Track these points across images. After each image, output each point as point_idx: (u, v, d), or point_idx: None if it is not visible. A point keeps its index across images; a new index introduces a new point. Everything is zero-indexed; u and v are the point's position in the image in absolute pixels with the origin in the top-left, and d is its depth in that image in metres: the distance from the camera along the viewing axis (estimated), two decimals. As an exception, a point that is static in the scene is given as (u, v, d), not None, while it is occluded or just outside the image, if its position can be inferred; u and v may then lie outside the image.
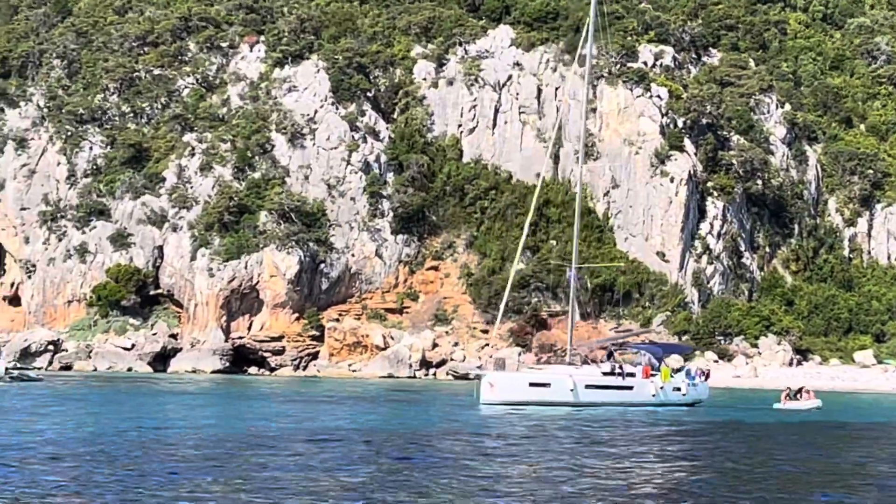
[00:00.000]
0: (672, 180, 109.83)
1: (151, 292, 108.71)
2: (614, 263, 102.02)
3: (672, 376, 63.26)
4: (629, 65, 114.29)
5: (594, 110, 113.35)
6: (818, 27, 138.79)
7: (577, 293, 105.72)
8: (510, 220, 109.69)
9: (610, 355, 64.78)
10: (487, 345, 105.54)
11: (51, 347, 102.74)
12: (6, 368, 75.19)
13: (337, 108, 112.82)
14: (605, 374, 60.96)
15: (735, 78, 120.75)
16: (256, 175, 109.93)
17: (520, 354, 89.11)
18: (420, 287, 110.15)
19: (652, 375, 61.79)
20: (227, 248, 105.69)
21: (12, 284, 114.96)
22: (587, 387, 59.28)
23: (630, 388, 60.73)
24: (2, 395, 58.22)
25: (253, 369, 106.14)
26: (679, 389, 62.48)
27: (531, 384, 58.87)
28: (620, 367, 61.51)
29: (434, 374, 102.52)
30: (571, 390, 58.62)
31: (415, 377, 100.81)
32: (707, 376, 66.78)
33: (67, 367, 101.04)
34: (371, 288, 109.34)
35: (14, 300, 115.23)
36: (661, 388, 61.46)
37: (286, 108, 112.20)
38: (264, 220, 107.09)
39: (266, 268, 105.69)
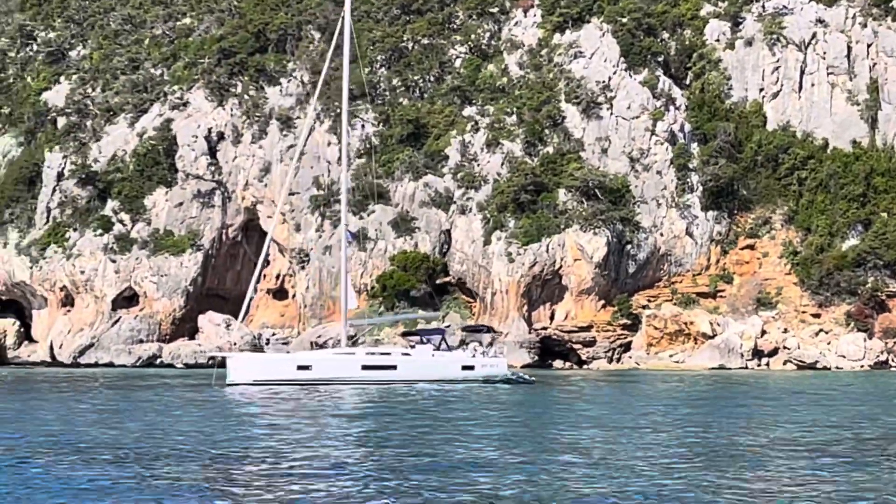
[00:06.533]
0: None
1: (439, 281, 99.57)
2: None
3: None
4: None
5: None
6: None
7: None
8: (834, 192, 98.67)
9: None
10: (822, 330, 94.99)
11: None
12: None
13: (632, 75, 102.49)
14: None
15: None
16: (549, 149, 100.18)
17: None
18: (734, 268, 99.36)
19: None
20: (525, 230, 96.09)
21: (277, 276, 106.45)
22: None
23: None
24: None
25: (558, 362, 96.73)
26: None
27: None
28: None
29: (768, 364, 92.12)
30: None
31: (746, 368, 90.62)
32: None
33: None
34: (681, 270, 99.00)
35: (278, 293, 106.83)
36: None
37: (576, 76, 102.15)
38: (564, 199, 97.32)
39: (569, 251, 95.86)
